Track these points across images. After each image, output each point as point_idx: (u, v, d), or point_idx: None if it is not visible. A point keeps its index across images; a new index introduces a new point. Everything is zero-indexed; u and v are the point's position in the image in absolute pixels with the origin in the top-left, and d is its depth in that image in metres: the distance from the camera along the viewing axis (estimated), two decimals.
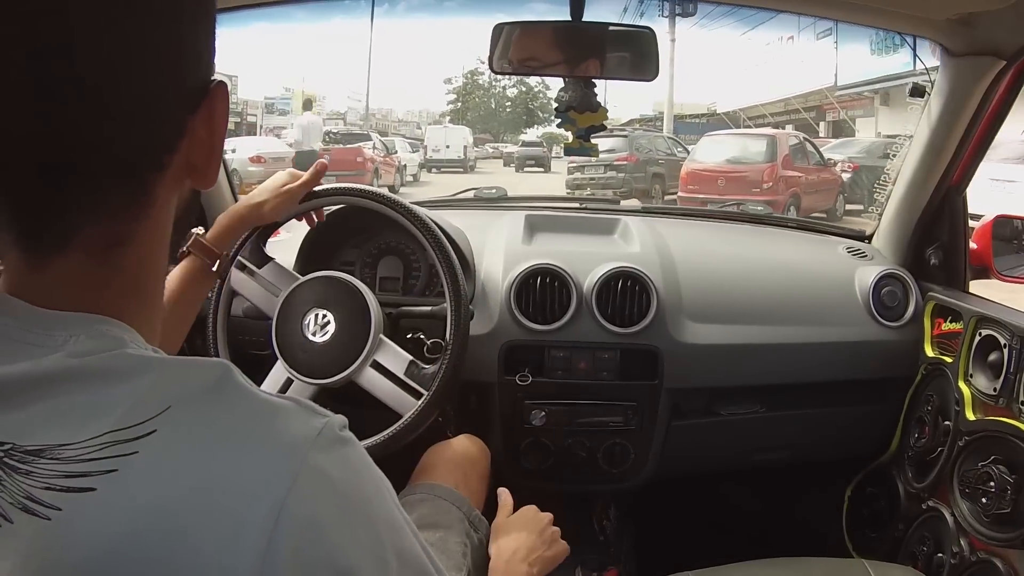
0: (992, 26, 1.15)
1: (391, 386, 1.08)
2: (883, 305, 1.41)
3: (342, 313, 1.09)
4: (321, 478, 0.39)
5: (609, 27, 1.18)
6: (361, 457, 0.43)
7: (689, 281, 1.37)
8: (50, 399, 0.38)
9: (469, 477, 1.07)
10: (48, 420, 0.38)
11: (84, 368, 0.39)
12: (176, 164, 0.44)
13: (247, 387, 0.41)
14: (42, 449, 0.37)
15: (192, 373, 0.41)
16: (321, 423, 0.41)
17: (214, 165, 0.47)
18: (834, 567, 1.11)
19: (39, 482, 0.37)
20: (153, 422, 0.38)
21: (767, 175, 9.19)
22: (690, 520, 1.71)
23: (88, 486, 0.36)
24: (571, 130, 1.23)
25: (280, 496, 0.37)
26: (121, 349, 0.41)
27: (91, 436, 0.37)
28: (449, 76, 31.63)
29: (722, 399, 1.40)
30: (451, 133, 19.08)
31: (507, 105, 31.32)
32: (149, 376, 0.40)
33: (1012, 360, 1.13)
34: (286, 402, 0.42)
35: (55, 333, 0.40)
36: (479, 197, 1.96)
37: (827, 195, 9.66)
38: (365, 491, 0.42)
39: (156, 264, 0.46)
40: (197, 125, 0.44)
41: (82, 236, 0.41)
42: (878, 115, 15.31)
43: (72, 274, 0.41)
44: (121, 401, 0.38)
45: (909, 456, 1.39)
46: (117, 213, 0.42)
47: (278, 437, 0.39)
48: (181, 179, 0.45)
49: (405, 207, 1.11)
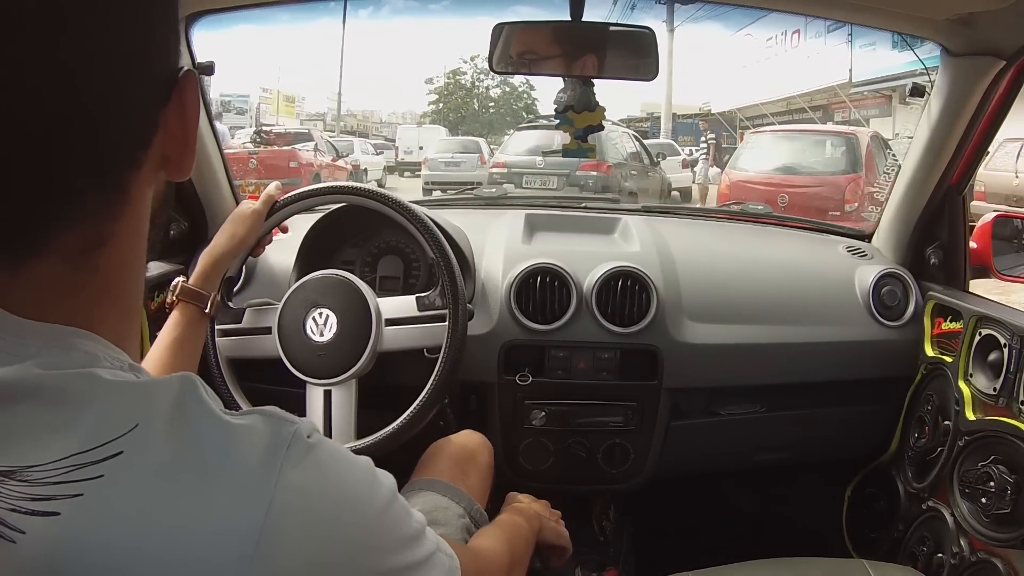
0: (992, 26, 1.15)
1: (415, 329, 1.10)
2: (883, 304, 1.41)
3: (343, 312, 1.09)
4: (298, 494, 0.38)
5: (609, 27, 1.19)
6: (334, 453, 0.42)
7: (689, 281, 1.37)
8: (16, 412, 0.37)
9: (469, 471, 1.07)
10: (15, 435, 0.37)
11: (51, 383, 0.38)
12: (151, 159, 0.43)
13: (210, 404, 0.40)
14: (12, 471, 0.36)
15: (157, 392, 0.39)
16: (289, 433, 0.40)
17: (188, 156, 0.46)
18: (834, 567, 1.11)
19: (5, 503, 0.36)
20: (119, 442, 0.37)
21: (851, 191, 6.45)
22: (690, 520, 1.71)
23: (53, 510, 0.35)
24: (569, 131, 1.23)
25: (256, 522, 0.37)
26: (91, 367, 0.39)
27: (58, 458, 0.36)
28: (431, 76, 31.27)
29: (722, 399, 1.40)
30: (424, 134, 17.41)
31: (490, 106, 31.09)
32: (115, 395, 0.38)
33: (1012, 360, 1.13)
34: (252, 418, 0.41)
35: (26, 342, 0.39)
36: (479, 196, 1.96)
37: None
38: (346, 488, 0.42)
39: (134, 263, 0.45)
40: (170, 117, 0.44)
41: (57, 240, 0.39)
42: (896, 114, 13.78)
43: (46, 280, 0.40)
44: (86, 420, 0.37)
45: (909, 456, 1.39)
46: (93, 215, 0.40)
47: (248, 457, 0.38)
48: (156, 172, 0.44)
49: (404, 206, 1.11)
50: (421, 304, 1.11)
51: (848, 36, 13.79)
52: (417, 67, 57.10)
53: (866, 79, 14.26)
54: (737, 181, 7.30)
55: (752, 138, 8.45)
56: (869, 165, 6.61)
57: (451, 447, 1.09)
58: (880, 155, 6.90)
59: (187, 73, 0.45)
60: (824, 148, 7.17)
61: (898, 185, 1.47)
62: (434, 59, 45.28)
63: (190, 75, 0.45)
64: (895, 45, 10.93)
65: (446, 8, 21.83)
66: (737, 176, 7.44)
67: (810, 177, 6.91)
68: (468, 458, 1.08)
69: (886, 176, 5.45)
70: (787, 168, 7.13)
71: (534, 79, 27.78)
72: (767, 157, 7.39)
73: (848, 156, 6.83)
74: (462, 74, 30.05)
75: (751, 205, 2.61)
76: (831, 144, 7.18)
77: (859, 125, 13.90)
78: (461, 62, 29.99)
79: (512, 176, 8.51)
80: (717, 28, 17.35)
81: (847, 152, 6.85)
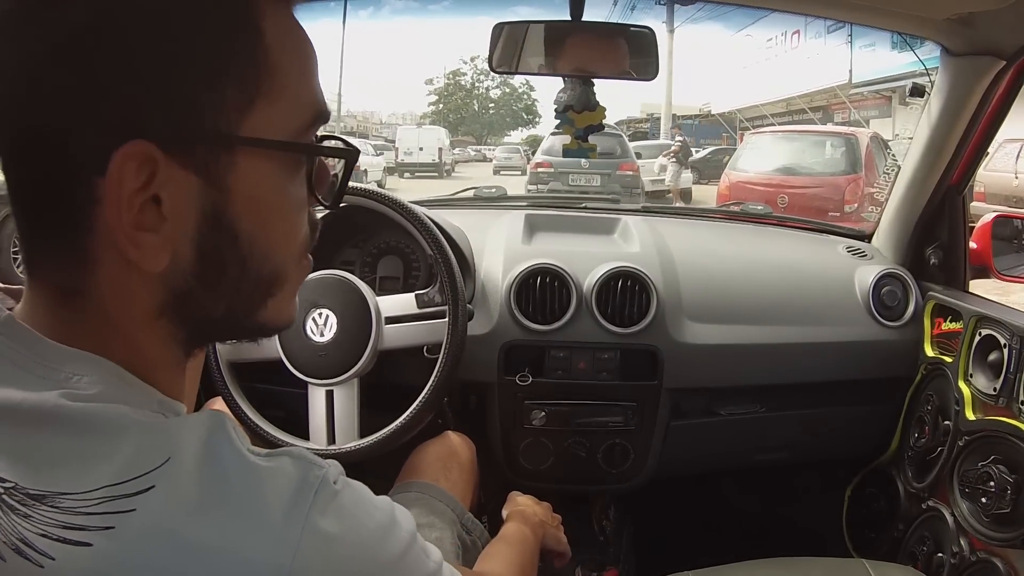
0: (992, 26, 1.15)
1: (415, 326, 1.11)
2: (883, 305, 1.41)
3: (343, 312, 1.09)
4: (324, 540, 0.39)
5: (609, 27, 1.18)
6: (357, 498, 0.42)
7: (689, 281, 1.37)
8: (46, 438, 0.37)
9: (451, 467, 1.09)
10: (45, 461, 0.37)
11: (82, 415, 0.38)
12: (109, 229, 0.38)
13: (238, 445, 0.40)
14: (44, 495, 0.36)
15: (184, 428, 0.39)
16: (317, 479, 0.40)
17: (143, 239, 0.39)
18: (834, 567, 1.11)
19: (36, 527, 0.36)
20: (150, 476, 0.37)
21: (850, 192, 6.45)
22: (690, 520, 1.71)
23: (85, 540, 0.36)
24: (569, 131, 1.23)
25: (284, 564, 0.37)
26: (120, 403, 0.39)
27: (91, 488, 0.36)
28: (431, 77, 31.29)
29: (722, 399, 1.40)
30: (424, 134, 17.32)
31: (490, 107, 31.07)
32: (145, 430, 0.39)
33: (1012, 360, 1.13)
34: (281, 460, 0.40)
35: (59, 367, 0.39)
36: (479, 197, 1.96)
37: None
38: (368, 535, 0.42)
39: (136, 325, 0.42)
40: (109, 189, 0.38)
41: (42, 277, 0.41)
42: (896, 115, 13.82)
43: (46, 309, 0.41)
44: (119, 452, 0.37)
45: (909, 456, 1.39)
46: (59, 264, 0.40)
47: (276, 501, 0.38)
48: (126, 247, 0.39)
49: (404, 206, 1.11)
50: (420, 301, 1.12)
51: (848, 37, 13.69)
52: (417, 68, 57.13)
53: (866, 80, 14.21)
54: (737, 182, 7.30)
55: (752, 139, 8.44)
56: (869, 166, 6.59)
57: (433, 447, 1.12)
58: (880, 156, 6.90)
59: (128, 146, 0.37)
60: (824, 149, 7.15)
61: (898, 185, 1.47)
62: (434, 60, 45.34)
63: (134, 149, 0.37)
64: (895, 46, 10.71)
65: (446, 8, 21.85)
66: (737, 177, 7.43)
67: (810, 178, 6.89)
68: (450, 456, 1.11)
69: (886, 176, 5.74)
70: (787, 169, 7.12)
71: (534, 80, 27.79)
72: (767, 158, 7.37)
73: (848, 157, 6.80)
74: (462, 75, 30.06)
75: (751, 205, 2.61)
76: (831, 145, 7.17)
77: (859, 126, 13.81)
78: (461, 63, 30.04)
79: (558, 176, 9.26)
80: (717, 28, 17.32)
81: (847, 153, 6.82)
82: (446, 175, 16.80)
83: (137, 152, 0.37)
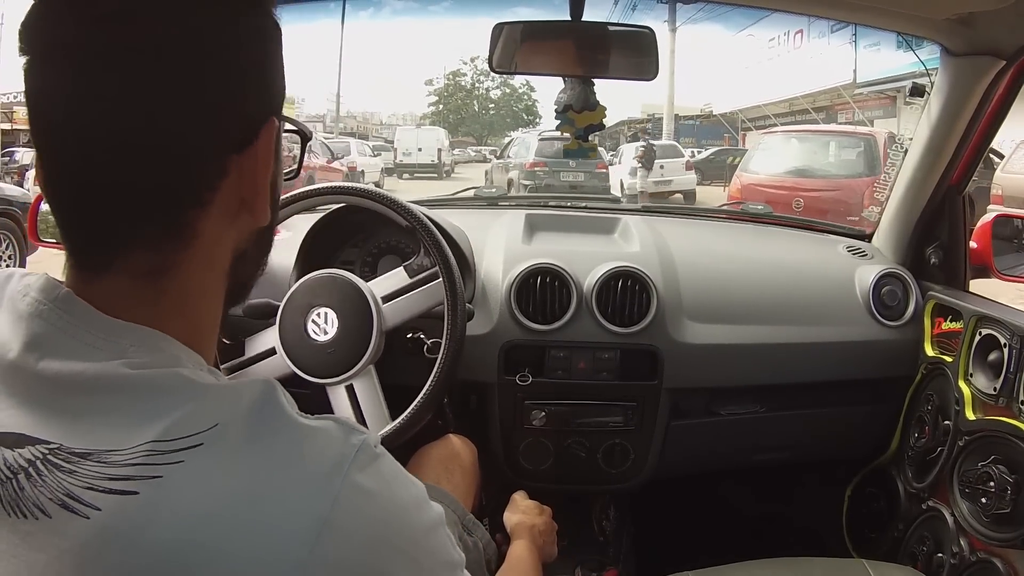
0: (992, 26, 1.15)
1: (412, 295, 1.12)
2: (883, 304, 1.41)
3: (340, 305, 1.09)
4: (362, 494, 0.41)
5: (609, 27, 1.19)
6: (395, 469, 0.45)
7: (689, 281, 1.37)
8: (103, 403, 0.40)
9: (453, 470, 1.10)
10: (98, 424, 0.39)
11: (140, 380, 0.41)
12: (221, 200, 0.45)
13: (287, 408, 0.43)
14: (89, 452, 0.38)
15: (239, 394, 0.42)
16: (359, 441, 0.43)
17: (260, 201, 0.47)
18: (834, 567, 1.11)
19: (81, 481, 0.38)
20: (200, 436, 0.39)
21: (869, 195, 5.91)
22: (690, 520, 1.71)
23: (132, 489, 0.38)
24: (569, 131, 1.23)
25: (323, 513, 0.39)
26: (176, 367, 0.42)
27: (137, 443, 0.38)
28: (431, 77, 31.27)
29: (722, 399, 1.40)
30: (423, 135, 17.39)
31: (490, 107, 31.03)
32: (199, 395, 0.41)
33: (1012, 359, 1.13)
34: (326, 422, 0.44)
35: (116, 340, 0.42)
36: (479, 196, 1.97)
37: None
38: (402, 500, 0.44)
39: (204, 292, 0.47)
40: (243, 163, 0.45)
41: (125, 262, 0.43)
42: (900, 115, 13.44)
43: (118, 292, 0.43)
44: (170, 415, 0.40)
45: (909, 456, 1.39)
46: (156, 244, 0.43)
47: (320, 456, 0.41)
48: (234, 213, 0.46)
49: (403, 206, 1.12)
50: (410, 271, 1.13)
51: (852, 36, 13.56)
52: (417, 68, 57.15)
53: (870, 80, 14.08)
54: (749, 184, 7.05)
55: (763, 139, 8.27)
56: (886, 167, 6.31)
57: (436, 450, 1.13)
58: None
59: (268, 124, 0.46)
60: (840, 150, 6.82)
61: (898, 185, 1.47)
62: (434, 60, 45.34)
63: (270, 126, 0.46)
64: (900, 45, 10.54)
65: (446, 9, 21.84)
66: (749, 179, 7.17)
67: (825, 180, 6.58)
68: (452, 458, 1.12)
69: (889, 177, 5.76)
70: (801, 171, 6.82)
71: (534, 81, 27.77)
72: (780, 159, 7.07)
73: (866, 158, 6.46)
74: (462, 75, 30.04)
75: (751, 205, 2.61)
76: (848, 145, 6.83)
77: (863, 126, 13.70)
78: (461, 63, 30.01)
79: (551, 174, 11.15)
80: (719, 28, 17.25)
81: (864, 153, 6.50)
82: (445, 176, 16.73)
83: (272, 125, 0.47)
